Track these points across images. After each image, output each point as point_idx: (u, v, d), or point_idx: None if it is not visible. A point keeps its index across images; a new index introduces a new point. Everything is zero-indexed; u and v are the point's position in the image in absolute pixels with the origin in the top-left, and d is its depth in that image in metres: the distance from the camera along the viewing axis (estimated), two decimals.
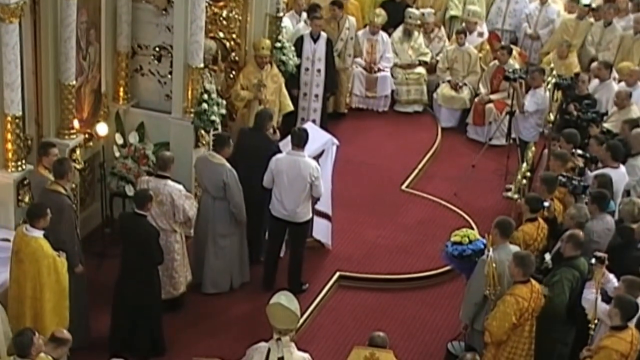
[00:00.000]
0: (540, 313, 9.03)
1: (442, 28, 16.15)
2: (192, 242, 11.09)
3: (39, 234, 8.91)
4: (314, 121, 13.59)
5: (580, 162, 11.15)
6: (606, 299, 8.92)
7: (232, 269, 10.96)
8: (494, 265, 9.06)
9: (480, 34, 15.77)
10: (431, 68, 15.76)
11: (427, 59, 15.73)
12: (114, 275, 9.98)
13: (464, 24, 15.90)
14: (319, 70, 14.08)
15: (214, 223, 10.69)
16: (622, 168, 10.96)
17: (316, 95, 14.20)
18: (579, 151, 11.23)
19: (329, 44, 14.14)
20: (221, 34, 13.03)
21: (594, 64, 13.93)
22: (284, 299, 8.20)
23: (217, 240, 10.76)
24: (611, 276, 9.16)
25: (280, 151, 11.04)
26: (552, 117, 12.47)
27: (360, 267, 11.66)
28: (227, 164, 10.57)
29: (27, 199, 10.01)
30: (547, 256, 9.66)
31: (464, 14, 16.02)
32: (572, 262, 9.31)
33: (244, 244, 10.99)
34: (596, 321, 8.77)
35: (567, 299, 9.19)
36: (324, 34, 14.09)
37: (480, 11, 15.94)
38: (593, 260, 9.01)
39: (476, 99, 15.06)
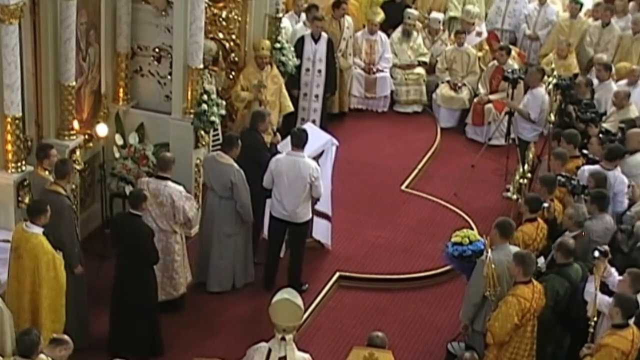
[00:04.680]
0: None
1: (447, 31, 16.16)
2: (198, 241, 11.13)
3: (38, 230, 8.94)
4: (313, 121, 13.62)
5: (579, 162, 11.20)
6: (608, 292, 8.93)
7: (235, 269, 10.98)
8: (492, 266, 9.07)
9: (479, 34, 15.78)
10: (430, 68, 15.78)
11: (426, 59, 15.75)
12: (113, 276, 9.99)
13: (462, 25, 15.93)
14: (319, 71, 14.10)
15: (220, 222, 10.72)
16: (617, 172, 10.89)
17: (316, 96, 14.22)
18: (584, 151, 11.26)
19: (330, 44, 14.16)
20: (221, 35, 13.06)
21: (596, 63, 13.97)
22: (289, 295, 8.24)
23: (222, 240, 10.78)
24: (613, 270, 9.17)
25: (269, 150, 11.10)
26: (552, 117, 12.47)
27: (360, 267, 11.67)
28: (235, 165, 10.59)
29: (27, 200, 10.01)
30: (541, 260, 9.66)
31: (462, 15, 16.02)
32: (562, 269, 9.32)
33: (248, 244, 11.02)
34: (595, 319, 8.77)
35: (549, 308, 9.18)
36: (324, 35, 14.11)
37: (478, 11, 15.93)
38: (596, 254, 9.02)
39: (475, 99, 15.07)
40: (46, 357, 7.85)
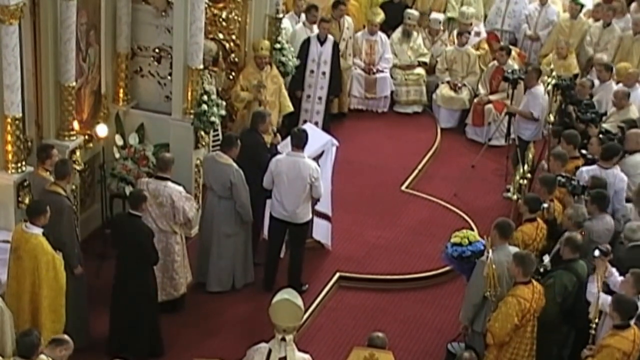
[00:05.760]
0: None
1: (447, 32, 16.15)
2: (197, 241, 11.13)
3: (38, 231, 8.94)
4: (316, 123, 13.58)
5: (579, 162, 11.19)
6: (609, 293, 8.92)
7: (235, 269, 10.98)
8: (493, 266, 9.07)
9: (477, 34, 15.78)
10: (430, 69, 15.78)
11: (427, 59, 15.75)
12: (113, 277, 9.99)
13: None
14: (323, 73, 14.08)
15: (219, 222, 10.73)
16: (615, 170, 10.90)
17: (319, 98, 14.21)
18: (583, 151, 11.26)
19: (336, 47, 14.15)
20: (221, 35, 13.06)
21: (596, 63, 13.98)
22: (289, 295, 8.25)
23: (221, 240, 10.78)
24: (614, 270, 9.16)
25: (269, 151, 11.11)
26: (552, 117, 12.48)
27: (360, 268, 11.67)
28: (234, 164, 10.61)
29: (27, 201, 10.01)
30: (546, 258, 9.67)
31: (457, 16, 15.98)
32: (570, 265, 9.33)
33: (248, 244, 11.02)
34: (597, 320, 8.77)
35: (557, 304, 9.22)
36: (330, 37, 14.10)
37: (473, 11, 15.88)
38: (597, 253, 9.01)
39: (475, 100, 15.07)
40: (46, 357, 7.85)
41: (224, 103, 11.82)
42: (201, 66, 11.42)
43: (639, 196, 10.41)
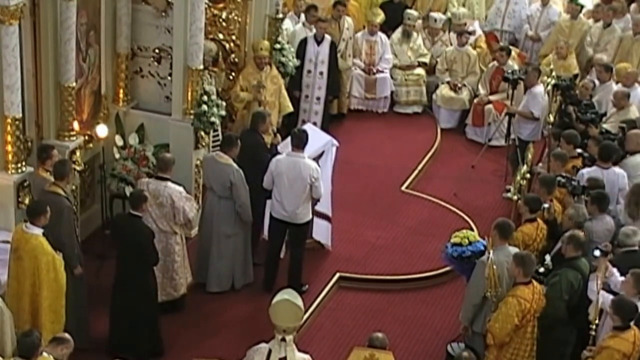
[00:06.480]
0: (540, 314, 9.06)
1: (447, 32, 16.15)
2: (197, 241, 11.13)
3: (38, 231, 8.94)
4: (314, 123, 13.57)
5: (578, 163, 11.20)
6: (610, 293, 8.92)
7: (234, 269, 10.98)
8: (494, 267, 9.07)
9: (472, 32, 15.76)
10: (430, 69, 15.78)
11: (427, 60, 15.75)
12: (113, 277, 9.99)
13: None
14: (321, 73, 14.08)
15: (219, 223, 10.73)
16: (615, 169, 10.90)
17: (318, 98, 14.21)
18: (579, 150, 11.26)
19: (333, 46, 14.15)
20: (221, 36, 13.06)
21: (596, 64, 13.98)
22: (289, 295, 8.25)
23: (221, 240, 10.78)
24: (614, 270, 9.16)
25: (269, 151, 11.11)
26: (551, 118, 12.48)
27: (360, 268, 11.67)
28: (234, 164, 10.62)
29: (27, 201, 10.01)
30: (548, 257, 9.67)
31: (451, 17, 15.96)
32: (573, 262, 9.33)
33: (248, 245, 11.02)
34: (597, 321, 8.77)
35: (564, 302, 9.22)
36: (327, 37, 14.10)
37: (464, 11, 15.86)
38: (597, 253, 9.00)
39: (475, 100, 15.07)
40: (48, 355, 7.86)
41: (224, 103, 11.82)
42: (201, 66, 11.42)
43: (632, 196, 10.40)
